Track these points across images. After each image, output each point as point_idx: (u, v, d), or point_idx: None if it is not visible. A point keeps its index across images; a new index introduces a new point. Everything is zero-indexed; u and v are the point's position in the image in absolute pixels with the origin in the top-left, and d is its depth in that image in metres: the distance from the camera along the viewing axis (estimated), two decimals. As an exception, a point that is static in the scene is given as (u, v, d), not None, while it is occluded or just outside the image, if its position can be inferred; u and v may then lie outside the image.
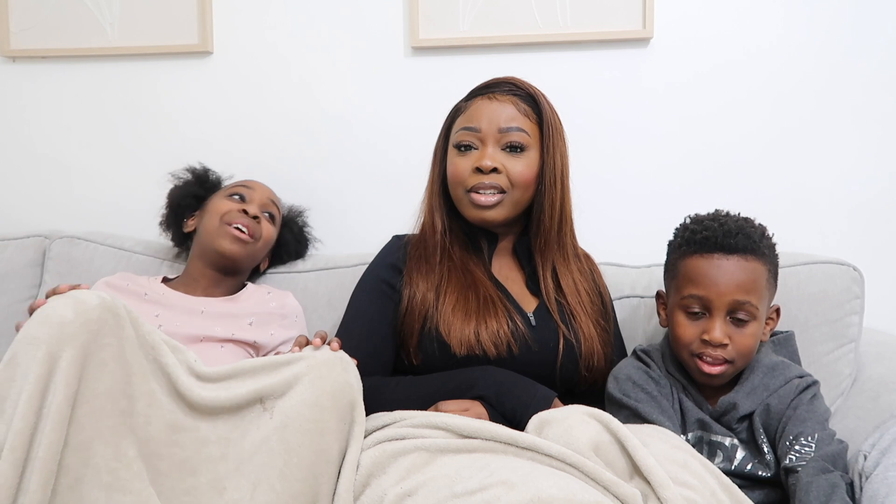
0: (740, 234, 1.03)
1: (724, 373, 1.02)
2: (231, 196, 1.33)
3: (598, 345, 1.13)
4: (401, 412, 0.96)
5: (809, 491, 0.89)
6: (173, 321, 1.21)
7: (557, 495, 0.73)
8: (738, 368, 1.03)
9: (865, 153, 1.49)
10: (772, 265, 1.05)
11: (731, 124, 1.51)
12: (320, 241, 1.53)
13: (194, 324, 1.21)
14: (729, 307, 1.01)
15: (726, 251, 1.02)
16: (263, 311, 1.29)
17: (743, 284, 1.00)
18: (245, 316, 1.26)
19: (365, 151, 1.59)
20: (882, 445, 0.94)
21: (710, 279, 1.01)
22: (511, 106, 1.10)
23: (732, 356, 1.01)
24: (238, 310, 1.27)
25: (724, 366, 1.02)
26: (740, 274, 1.01)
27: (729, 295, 1.00)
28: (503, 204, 1.10)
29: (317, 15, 1.57)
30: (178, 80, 1.61)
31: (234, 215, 1.29)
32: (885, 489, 0.87)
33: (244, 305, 1.29)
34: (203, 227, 1.31)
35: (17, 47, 1.63)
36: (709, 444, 1.03)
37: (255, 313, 1.28)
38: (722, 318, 1.01)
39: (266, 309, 1.30)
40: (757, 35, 1.49)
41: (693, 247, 1.05)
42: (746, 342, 1.01)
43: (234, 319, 1.25)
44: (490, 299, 1.09)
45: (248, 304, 1.30)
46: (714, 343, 1.00)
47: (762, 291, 1.02)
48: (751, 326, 1.01)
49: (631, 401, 1.03)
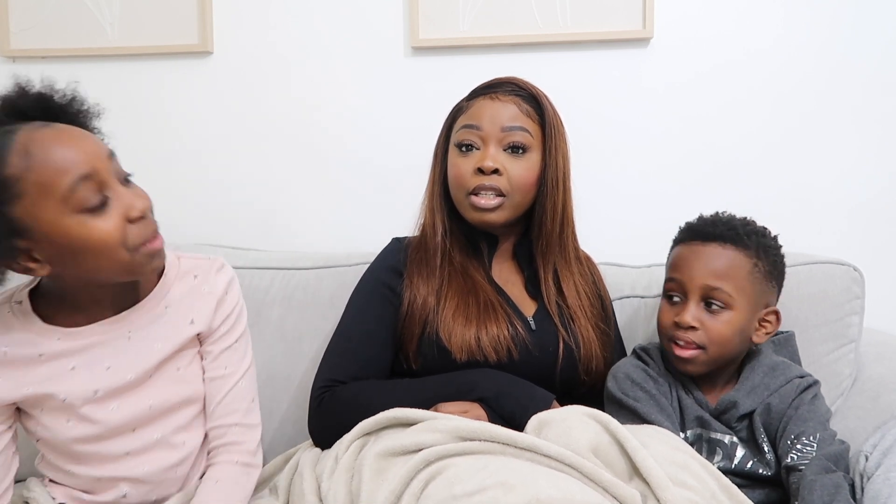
0: (722, 224, 1.05)
1: (696, 359, 1.02)
2: (85, 210, 0.83)
3: (597, 348, 1.12)
4: (402, 410, 0.96)
5: (813, 490, 0.89)
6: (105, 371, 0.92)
7: (556, 496, 0.73)
8: (712, 357, 1.02)
9: (866, 153, 1.48)
10: (761, 261, 1.03)
11: (731, 124, 1.51)
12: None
13: (130, 360, 0.94)
14: (701, 292, 1.02)
15: (704, 238, 1.05)
16: (199, 304, 1.01)
17: (715, 270, 1.02)
18: (180, 316, 0.99)
19: (365, 151, 1.59)
20: (884, 446, 0.94)
21: (686, 263, 1.05)
22: (514, 106, 1.10)
23: (703, 341, 1.01)
24: (170, 314, 0.98)
25: (696, 351, 1.02)
26: (714, 260, 1.03)
27: (700, 279, 1.02)
28: (503, 207, 1.10)
29: (317, 15, 1.57)
30: (178, 80, 1.61)
31: (136, 234, 0.86)
32: (888, 490, 0.87)
33: (174, 307, 0.99)
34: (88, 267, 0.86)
35: (17, 47, 1.63)
36: (708, 441, 1.03)
37: (189, 306, 0.99)
38: (695, 302, 1.03)
39: (202, 300, 1.01)
40: (757, 35, 1.49)
41: (680, 236, 1.10)
42: (719, 329, 1.01)
43: (171, 326, 0.98)
44: (490, 304, 1.09)
45: (178, 306, 0.99)
46: (683, 325, 1.02)
47: (740, 281, 1.02)
48: (725, 315, 1.01)
49: (630, 400, 1.03)
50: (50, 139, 0.83)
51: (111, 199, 0.85)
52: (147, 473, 0.97)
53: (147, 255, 0.88)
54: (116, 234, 0.84)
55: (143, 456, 0.96)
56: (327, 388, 1.07)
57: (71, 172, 0.81)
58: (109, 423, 0.93)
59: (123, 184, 0.88)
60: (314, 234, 1.59)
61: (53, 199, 0.81)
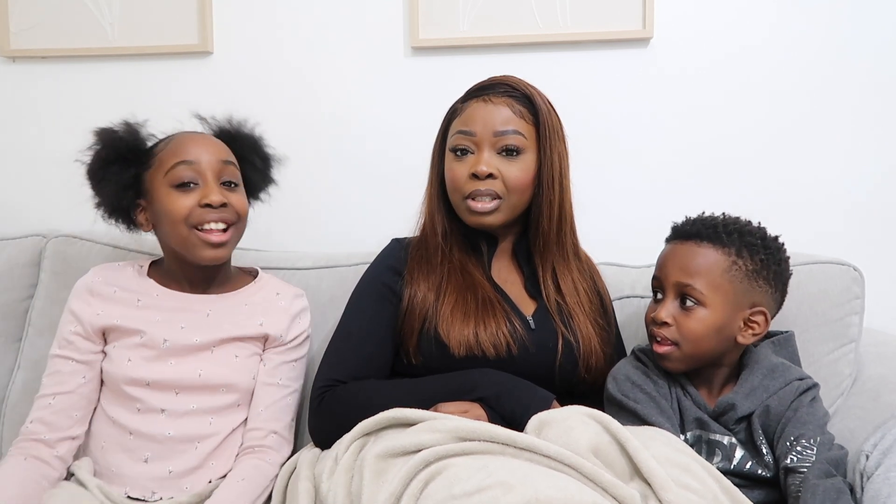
0: (702, 223, 1.06)
1: (671, 355, 1.03)
2: (180, 186, 1.08)
3: (596, 344, 1.12)
4: (401, 410, 0.96)
5: (816, 493, 0.89)
6: (179, 329, 1.11)
7: (556, 496, 0.73)
8: (686, 354, 1.03)
9: (864, 151, 1.49)
10: (742, 259, 1.02)
11: (731, 123, 1.51)
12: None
13: (202, 329, 1.12)
14: (676, 289, 1.04)
15: (682, 238, 1.07)
16: (273, 314, 1.18)
17: (686, 267, 1.03)
18: (255, 316, 1.16)
19: (365, 151, 1.59)
20: (884, 446, 0.94)
21: (664, 261, 1.07)
22: (506, 108, 1.09)
23: (676, 338, 1.03)
24: (246, 311, 1.17)
25: (670, 347, 1.03)
26: (687, 258, 1.04)
27: (674, 276, 1.04)
28: (500, 209, 1.10)
29: (317, 15, 1.57)
30: (178, 80, 1.61)
31: (198, 215, 1.07)
32: (888, 489, 0.87)
33: (252, 307, 1.18)
34: (164, 231, 1.11)
35: (17, 47, 1.63)
36: (707, 443, 1.03)
37: (264, 312, 1.17)
38: (671, 299, 1.04)
39: (276, 313, 1.19)
40: (756, 35, 1.49)
41: (667, 236, 1.12)
42: (690, 326, 1.02)
43: (245, 319, 1.16)
44: (489, 301, 1.09)
45: (255, 306, 1.18)
46: (657, 321, 1.04)
47: (714, 279, 1.01)
48: (699, 312, 1.02)
49: (630, 401, 1.03)
50: (187, 138, 1.13)
51: (199, 187, 1.09)
52: (173, 437, 1.08)
53: (201, 240, 1.08)
54: (184, 210, 1.07)
55: (176, 420, 1.08)
56: (327, 387, 1.07)
57: (178, 156, 1.09)
58: (162, 376, 1.08)
59: (224, 185, 1.11)
60: (314, 234, 1.58)
61: (161, 172, 1.09)
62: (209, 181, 1.09)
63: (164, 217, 1.08)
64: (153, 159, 1.11)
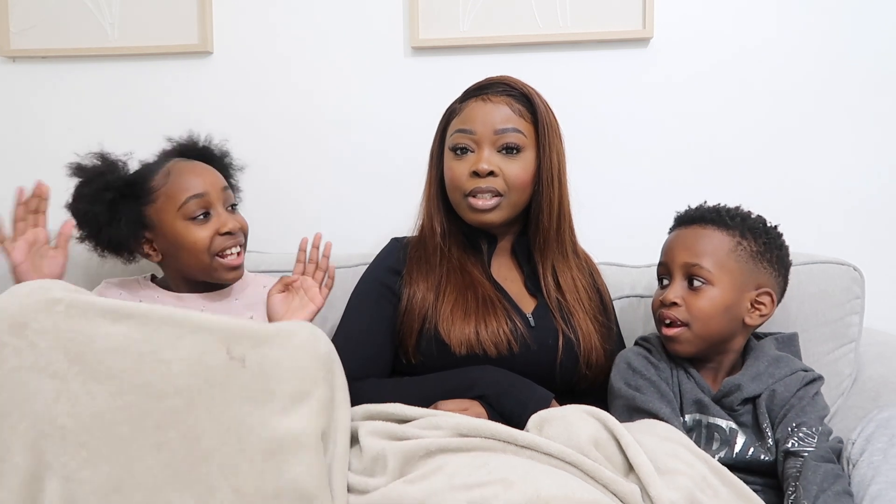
0: (705, 209, 1.10)
1: (681, 336, 1.04)
2: (195, 218, 1.14)
3: (596, 340, 1.13)
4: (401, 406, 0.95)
5: (817, 472, 0.91)
6: None
7: (556, 493, 0.73)
8: (697, 335, 1.04)
9: (865, 151, 1.49)
10: (746, 240, 1.06)
11: (731, 123, 1.51)
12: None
13: None
14: (683, 270, 1.06)
15: (687, 223, 1.10)
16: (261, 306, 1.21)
17: (692, 248, 1.06)
18: (244, 310, 1.23)
19: (365, 151, 1.59)
20: (867, 433, 0.97)
21: (670, 247, 1.10)
22: (505, 107, 1.10)
23: (686, 318, 1.04)
24: (237, 305, 1.24)
25: (680, 328, 1.04)
26: (692, 239, 1.07)
27: (681, 258, 1.06)
28: (501, 207, 1.10)
29: (317, 15, 1.57)
30: (178, 80, 1.61)
31: (219, 244, 1.15)
32: (871, 472, 0.90)
33: (242, 301, 1.25)
34: (182, 260, 1.16)
35: (17, 47, 1.63)
36: (707, 427, 1.04)
37: (254, 305, 1.23)
38: (679, 280, 1.06)
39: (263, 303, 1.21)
40: (756, 34, 1.49)
41: (670, 227, 1.15)
42: (700, 305, 1.03)
43: (237, 313, 1.21)
44: (489, 299, 1.09)
45: (245, 300, 1.25)
46: (666, 302, 1.05)
47: (720, 258, 1.04)
48: (708, 291, 1.04)
49: (630, 389, 1.04)
50: (185, 169, 1.17)
51: (212, 216, 1.15)
52: None
53: (223, 265, 1.16)
54: (205, 241, 1.13)
55: None
56: (327, 387, 1.07)
57: (189, 191, 1.13)
58: None
59: (228, 209, 1.18)
60: (314, 234, 1.58)
61: (172, 207, 1.13)
62: (220, 211, 1.16)
63: (183, 249, 1.14)
64: (154, 194, 1.15)
